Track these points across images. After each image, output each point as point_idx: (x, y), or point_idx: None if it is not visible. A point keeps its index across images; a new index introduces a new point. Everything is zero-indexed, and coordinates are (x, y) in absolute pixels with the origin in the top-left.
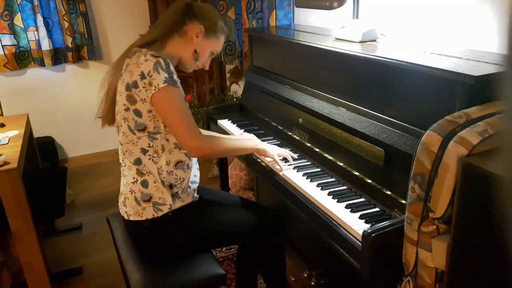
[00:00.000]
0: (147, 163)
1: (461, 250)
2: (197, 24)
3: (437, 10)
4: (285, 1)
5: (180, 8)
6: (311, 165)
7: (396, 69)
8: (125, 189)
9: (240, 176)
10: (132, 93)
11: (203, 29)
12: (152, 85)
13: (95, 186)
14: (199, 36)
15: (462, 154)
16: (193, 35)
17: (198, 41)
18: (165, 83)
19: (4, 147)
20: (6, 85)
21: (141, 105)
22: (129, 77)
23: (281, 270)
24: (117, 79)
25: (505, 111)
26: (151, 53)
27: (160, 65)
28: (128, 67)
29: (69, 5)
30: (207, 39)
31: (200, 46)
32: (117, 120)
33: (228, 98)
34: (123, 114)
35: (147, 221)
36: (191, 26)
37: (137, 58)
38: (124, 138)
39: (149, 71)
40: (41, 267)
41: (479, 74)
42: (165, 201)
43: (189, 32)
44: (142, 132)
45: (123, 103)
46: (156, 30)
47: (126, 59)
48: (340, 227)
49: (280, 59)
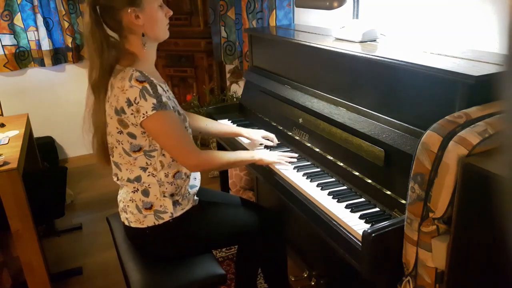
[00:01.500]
0: (146, 179)
1: (461, 250)
2: (124, 11)
3: (437, 10)
4: (285, 1)
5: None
6: (311, 165)
7: (396, 69)
8: (125, 197)
9: (240, 176)
10: (122, 117)
11: (132, 8)
12: (140, 112)
13: (95, 186)
14: (138, 15)
15: (462, 154)
16: (133, 21)
17: (142, 19)
18: (153, 110)
19: (4, 147)
20: (6, 85)
21: (133, 128)
22: (115, 102)
23: (282, 270)
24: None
25: (505, 111)
26: (136, 77)
27: (146, 91)
28: (113, 90)
29: (69, 5)
30: (143, 7)
31: (149, 19)
32: (109, 142)
33: (228, 98)
34: (117, 137)
35: (148, 228)
36: (124, 19)
37: (121, 82)
38: (121, 159)
39: (135, 98)
40: (41, 267)
41: (479, 74)
42: (166, 209)
43: (130, 24)
44: (137, 153)
45: (116, 126)
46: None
47: (110, 79)
48: (340, 227)
49: (280, 59)
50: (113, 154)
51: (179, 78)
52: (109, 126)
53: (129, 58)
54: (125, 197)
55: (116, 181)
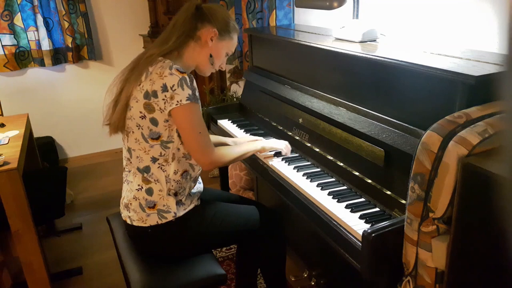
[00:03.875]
0: (155, 171)
1: (461, 250)
2: (209, 27)
3: (437, 10)
4: (285, 1)
5: (191, 12)
6: (311, 165)
7: (396, 69)
8: (129, 195)
9: (240, 176)
10: (151, 101)
11: (216, 32)
12: (174, 99)
13: (95, 186)
14: (214, 40)
15: (462, 154)
16: (208, 39)
17: (213, 44)
18: (188, 100)
19: (4, 147)
20: (6, 85)
21: (159, 114)
22: (149, 85)
23: (281, 270)
24: (132, 86)
25: (505, 111)
26: (176, 67)
27: (185, 81)
28: (149, 75)
29: (69, 5)
30: (221, 40)
31: (215, 49)
32: (127, 126)
33: (228, 98)
34: (138, 121)
35: (150, 228)
36: (204, 30)
37: (161, 69)
38: (136, 144)
39: (173, 85)
40: (41, 267)
41: (479, 74)
42: (169, 208)
43: (203, 37)
44: (155, 141)
45: (139, 110)
46: (171, 37)
47: (148, 67)
48: (340, 227)
49: (280, 59)
50: (128, 139)
51: None
52: (132, 109)
53: (175, 56)
54: (128, 194)
55: (124, 167)
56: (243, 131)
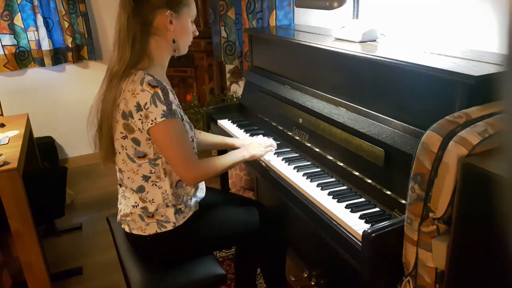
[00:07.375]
0: (150, 189)
1: (461, 250)
2: (160, 11)
3: (437, 10)
4: (285, 1)
5: (130, 9)
6: (311, 165)
7: (396, 69)
8: (126, 208)
9: (240, 176)
10: (129, 122)
11: (171, 12)
12: (148, 118)
13: (95, 186)
14: (172, 21)
15: (462, 154)
16: (166, 24)
17: (174, 26)
18: (163, 117)
19: (4, 147)
20: (6, 85)
21: (139, 134)
22: (124, 105)
23: (281, 269)
24: (110, 107)
25: (505, 111)
26: (148, 80)
27: (157, 96)
28: (123, 93)
29: (69, 5)
30: (180, 15)
31: (180, 28)
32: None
33: (228, 98)
34: (121, 142)
35: (149, 236)
36: (158, 19)
37: (132, 85)
38: (124, 165)
39: (145, 103)
40: (41, 267)
41: (479, 74)
42: (168, 219)
43: (160, 26)
44: (142, 159)
45: (120, 131)
46: (125, 49)
47: (121, 84)
48: (340, 227)
49: (280, 59)
50: (117, 160)
51: (179, 78)
52: (115, 131)
53: (145, 61)
54: (125, 208)
55: (119, 188)
56: (243, 131)
